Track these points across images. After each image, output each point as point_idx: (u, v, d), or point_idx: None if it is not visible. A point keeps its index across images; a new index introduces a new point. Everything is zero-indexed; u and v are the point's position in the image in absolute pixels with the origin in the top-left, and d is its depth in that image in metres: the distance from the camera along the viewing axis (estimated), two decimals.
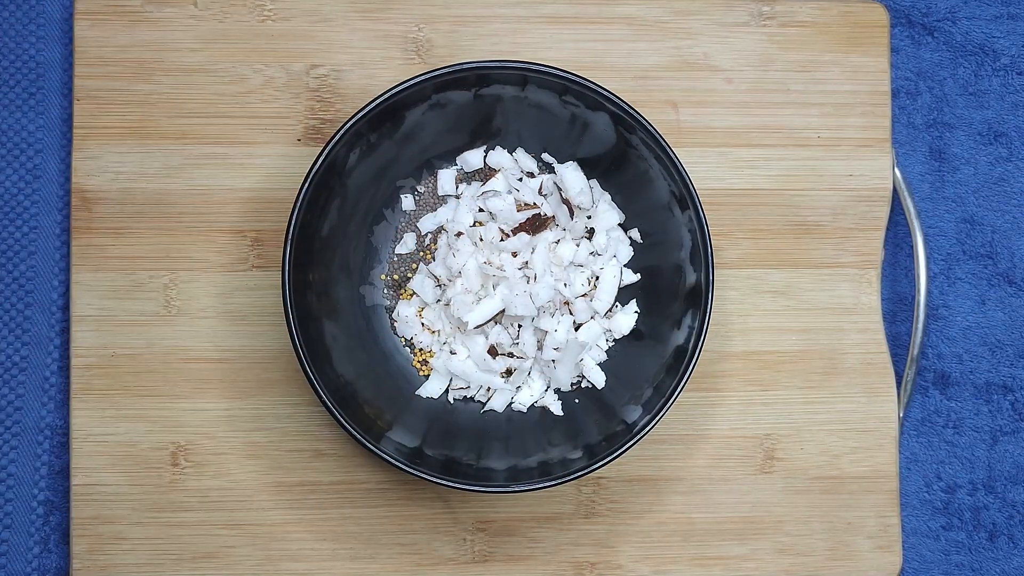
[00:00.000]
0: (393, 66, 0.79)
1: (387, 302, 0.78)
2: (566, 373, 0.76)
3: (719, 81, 0.80)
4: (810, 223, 0.80)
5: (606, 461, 0.71)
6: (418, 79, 0.71)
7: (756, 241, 0.80)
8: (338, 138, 0.71)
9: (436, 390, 0.77)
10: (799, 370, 0.80)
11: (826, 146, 0.81)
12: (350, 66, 0.79)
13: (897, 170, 0.81)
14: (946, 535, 0.83)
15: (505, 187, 0.77)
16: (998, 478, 0.84)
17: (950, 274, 0.84)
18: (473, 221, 0.77)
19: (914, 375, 0.80)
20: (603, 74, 0.79)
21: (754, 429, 0.80)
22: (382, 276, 0.78)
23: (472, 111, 0.75)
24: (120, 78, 0.78)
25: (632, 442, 0.71)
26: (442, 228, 0.77)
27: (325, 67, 0.79)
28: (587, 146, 0.76)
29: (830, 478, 0.80)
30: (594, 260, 0.77)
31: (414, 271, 0.77)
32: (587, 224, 0.77)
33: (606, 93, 0.72)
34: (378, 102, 0.71)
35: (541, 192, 0.77)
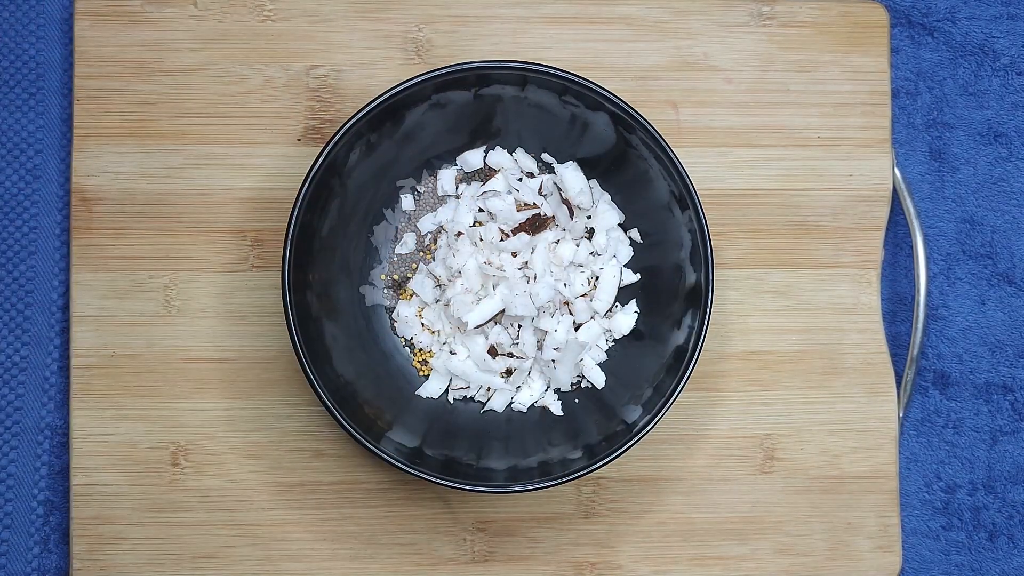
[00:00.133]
0: (393, 66, 0.79)
1: (387, 302, 0.78)
2: (566, 373, 0.76)
3: (719, 81, 0.80)
4: (810, 223, 0.80)
5: (606, 461, 0.71)
6: (418, 79, 0.71)
7: (756, 241, 0.80)
8: (338, 138, 0.71)
9: (436, 390, 0.77)
10: (799, 370, 0.80)
11: (826, 146, 0.81)
12: (350, 66, 0.79)
13: (897, 170, 0.81)
14: (946, 535, 0.83)
15: (505, 187, 0.77)
16: (998, 478, 0.84)
17: (950, 274, 0.84)
18: (473, 221, 0.77)
19: (914, 375, 0.80)
20: (603, 74, 0.79)
21: (754, 429, 0.80)
22: (382, 276, 0.78)
23: (472, 111, 0.75)
24: (120, 78, 0.78)
25: (632, 442, 0.71)
26: (442, 228, 0.77)
27: (325, 67, 0.79)
28: (587, 146, 0.76)
29: (830, 478, 0.80)
30: (594, 260, 0.77)
31: (414, 271, 0.77)
32: (587, 224, 0.77)
33: (606, 93, 0.72)
34: (378, 102, 0.71)
35: (541, 192, 0.77)
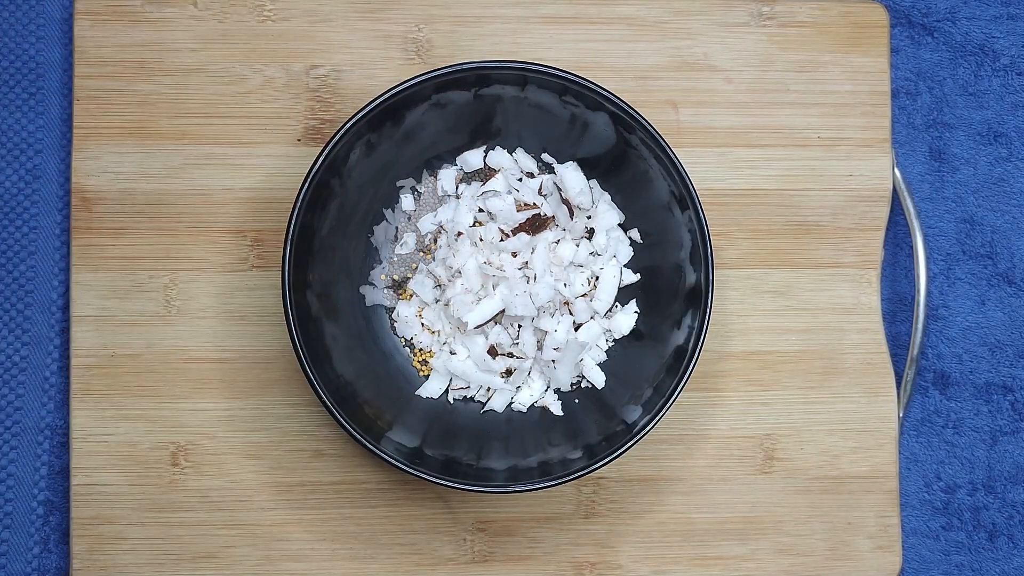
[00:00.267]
0: (393, 66, 0.79)
1: (387, 302, 0.78)
2: (566, 373, 0.76)
3: (719, 81, 0.80)
4: (810, 223, 0.80)
5: (606, 461, 0.71)
6: (418, 79, 0.71)
7: (756, 241, 0.80)
8: (338, 138, 0.71)
9: (436, 390, 0.77)
10: (799, 370, 0.80)
11: (826, 146, 0.81)
12: (350, 66, 0.79)
13: (897, 170, 0.81)
14: (946, 535, 0.83)
15: (505, 187, 0.77)
16: (998, 478, 0.84)
17: (950, 274, 0.84)
18: (473, 221, 0.77)
19: (914, 375, 0.80)
20: (603, 74, 0.79)
21: (754, 429, 0.80)
22: (382, 276, 0.78)
23: (472, 111, 0.75)
24: (120, 78, 0.78)
25: (632, 442, 0.71)
26: (442, 228, 0.77)
27: (325, 67, 0.79)
28: (587, 146, 0.76)
29: (830, 478, 0.80)
30: (594, 260, 0.77)
31: (414, 271, 0.77)
32: (587, 224, 0.77)
33: (606, 93, 0.72)
34: (378, 102, 0.71)
35: (541, 192, 0.77)
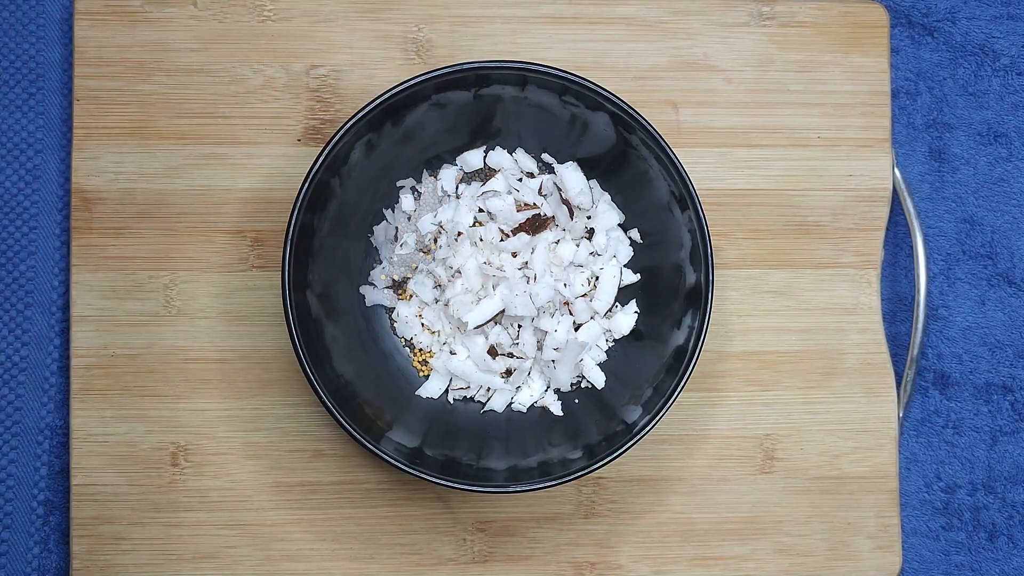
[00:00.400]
0: (393, 66, 0.79)
1: (387, 302, 0.78)
2: (566, 373, 0.76)
3: (719, 81, 0.80)
4: (810, 223, 0.80)
5: (606, 461, 0.71)
6: (418, 79, 0.71)
7: (756, 241, 0.80)
8: (338, 138, 0.71)
9: (436, 390, 0.77)
10: (799, 370, 0.80)
11: (826, 146, 0.81)
12: (350, 66, 0.79)
13: (897, 170, 0.81)
14: (946, 535, 0.83)
15: (505, 187, 0.77)
16: (998, 478, 0.84)
17: (950, 274, 0.84)
18: (473, 221, 0.77)
19: (914, 375, 0.80)
20: (603, 74, 0.79)
21: (754, 429, 0.80)
22: (382, 276, 0.78)
23: (472, 111, 0.75)
24: (120, 78, 0.78)
25: (632, 442, 0.71)
26: (442, 228, 0.77)
27: (325, 67, 0.79)
28: (587, 146, 0.76)
29: (830, 478, 0.80)
30: (594, 260, 0.77)
31: (414, 271, 0.77)
32: (587, 224, 0.77)
33: (606, 93, 0.72)
34: (378, 102, 0.71)
35: (541, 192, 0.77)
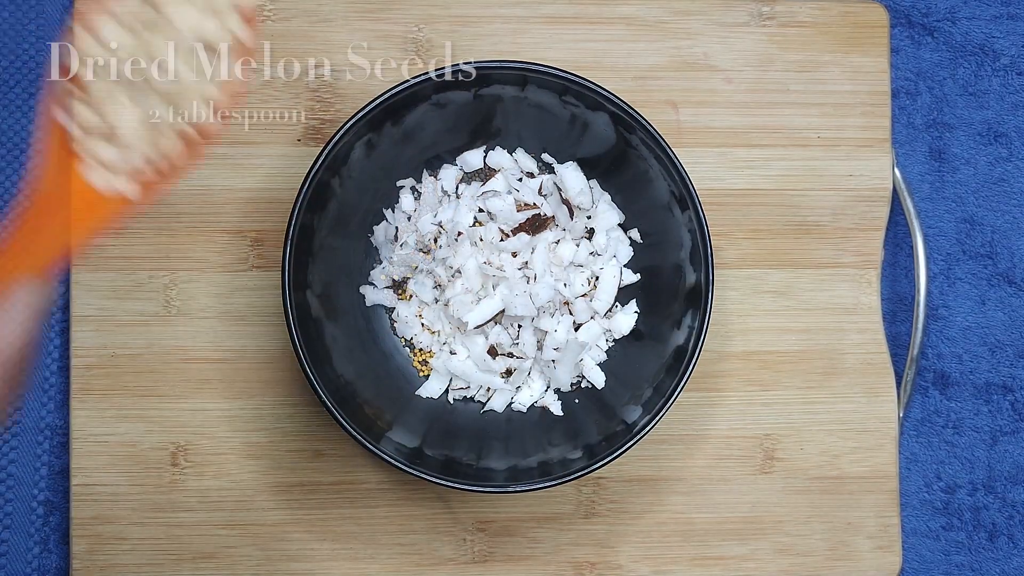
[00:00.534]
0: (393, 66, 0.79)
1: (387, 302, 0.78)
2: (566, 373, 0.76)
3: (719, 81, 0.80)
4: (810, 223, 0.80)
5: (606, 461, 0.71)
6: (418, 79, 0.71)
7: (756, 241, 0.80)
8: (338, 138, 0.70)
9: (436, 390, 0.77)
10: (799, 370, 0.80)
11: (826, 146, 0.81)
12: (350, 66, 0.79)
13: (897, 170, 0.81)
14: (946, 535, 0.83)
15: (505, 187, 0.77)
16: (998, 478, 0.84)
17: (950, 274, 0.84)
18: (473, 221, 0.77)
19: (914, 375, 0.80)
20: (603, 74, 0.79)
21: (754, 429, 0.80)
22: (382, 276, 0.78)
23: (472, 111, 0.75)
24: None
25: (632, 442, 0.71)
26: (442, 228, 0.77)
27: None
28: (587, 146, 0.76)
29: (830, 478, 0.80)
30: (594, 260, 0.77)
31: (414, 271, 0.77)
32: (587, 224, 0.77)
33: (606, 93, 0.71)
34: (378, 102, 0.71)
35: (541, 192, 0.77)
